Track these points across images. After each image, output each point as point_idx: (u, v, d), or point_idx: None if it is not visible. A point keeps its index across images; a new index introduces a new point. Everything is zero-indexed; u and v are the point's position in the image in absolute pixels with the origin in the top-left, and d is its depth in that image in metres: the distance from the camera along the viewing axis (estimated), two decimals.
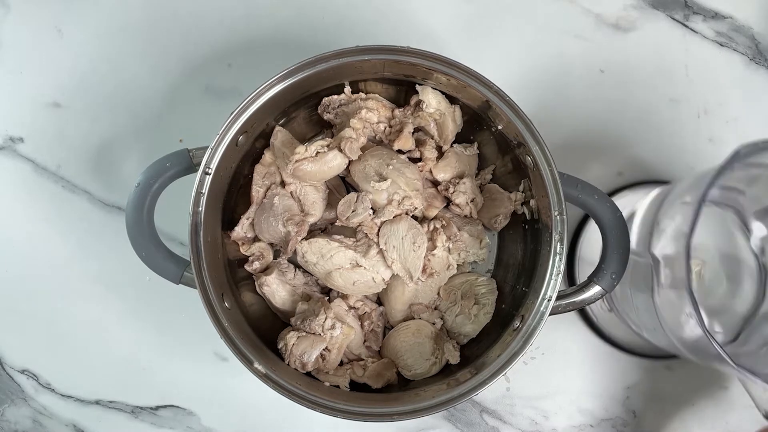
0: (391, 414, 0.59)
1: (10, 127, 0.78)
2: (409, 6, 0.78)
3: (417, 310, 0.70)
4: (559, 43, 0.78)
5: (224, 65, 0.78)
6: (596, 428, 0.76)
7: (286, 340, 0.64)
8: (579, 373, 0.76)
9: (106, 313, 0.77)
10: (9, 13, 0.79)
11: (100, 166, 0.78)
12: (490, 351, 0.63)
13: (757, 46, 0.79)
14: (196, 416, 0.76)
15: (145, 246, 0.61)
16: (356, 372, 0.67)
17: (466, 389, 0.59)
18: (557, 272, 0.59)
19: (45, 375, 0.77)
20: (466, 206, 0.69)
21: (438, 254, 0.67)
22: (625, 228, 0.61)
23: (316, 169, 0.64)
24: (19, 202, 0.78)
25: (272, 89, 0.60)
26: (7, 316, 0.77)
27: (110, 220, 0.77)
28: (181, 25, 0.78)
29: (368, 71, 0.64)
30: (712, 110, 0.78)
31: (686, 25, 0.79)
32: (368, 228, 0.66)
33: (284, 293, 0.68)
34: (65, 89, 0.78)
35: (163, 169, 0.61)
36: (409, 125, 0.67)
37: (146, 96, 0.78)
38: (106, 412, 0.76)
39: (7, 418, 0.77)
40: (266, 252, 0.69)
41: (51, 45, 0.78)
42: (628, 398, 0.76)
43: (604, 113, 0.78)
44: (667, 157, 0.77)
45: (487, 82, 0.60)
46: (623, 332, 0.75)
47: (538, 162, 0.60)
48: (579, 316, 0.76)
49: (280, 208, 0.67)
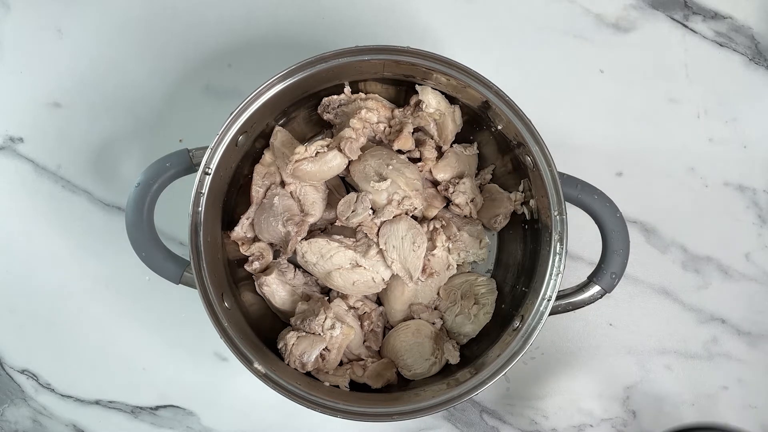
0: (391, 414, 0.59)
1: (10, 127, 0.78)
2: (409, 6, 0.78)
3: (417, 310, 0.70)
4: (559, 43, 0.78)
5: (224, 65, 0.78)
6: (596, 428, 0.76)
7: (286, 340, 0.64)
8: (579, 373, 0.76)
9: (106, 313, 0.77)
10: (9, 13, 0.79)
11: (100, 166, 0.78)
12: (490, 351, 0.63)
13: (757, 46, 0.79)
14: (196, 416, 0.76)
15: (145, 246, 0.61)
16: (356, 372, 0.67)
17: (466, 389, 0.59)
18: (557, 272, 0.59)
19: (45, 375, 0.77)
20: (465, 206, 0.69)
21: (438, 254, 0.67)
22: (625, 228, 0.61)
23: (316, 169, 0.64)
24: (19, 202, 0.78)
25: (272, 89, 0.60)
26: (7, 316, 0.77)
27: (110, 220, 0.77)
28: (181, 25, 0.78)
29: (368, 71, 0.65)
30: (712, 110, 0.78)
31: (686, 25, 0.79)
32: (368, 228, 0.66)
33: (284, 293, 0.69)
34: (65, 89, 0.78)
35: (163, 169, 0.61)
36: (409, 125, 0.67)
37: (146, 96, 0.78)
38: (106, 412, 0.76)
39: (7, 418, 0.77)
40: (266, 252, 0.69)
41: (51, 45, 0.79)
42: (628, 398, 0.76)
43: (604, 113, 0.78)
44: (667, 157, 0.77)
45: (486, 82, 0.60)
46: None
47: (538, 162, 0.60)
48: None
49: (280, 208, 0.67)
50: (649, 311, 0.76)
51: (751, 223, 0.77)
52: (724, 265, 0.77)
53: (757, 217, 0.77)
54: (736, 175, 0.77)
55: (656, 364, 0.76)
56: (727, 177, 0.77)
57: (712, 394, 0.76)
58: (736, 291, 0.76)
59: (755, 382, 0.76)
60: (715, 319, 0.76)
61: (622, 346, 0.76)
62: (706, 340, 0.76)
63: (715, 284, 0.77)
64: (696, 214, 0.77)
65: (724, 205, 0.77)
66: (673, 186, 0.77)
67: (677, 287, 0.77)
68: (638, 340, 0.76)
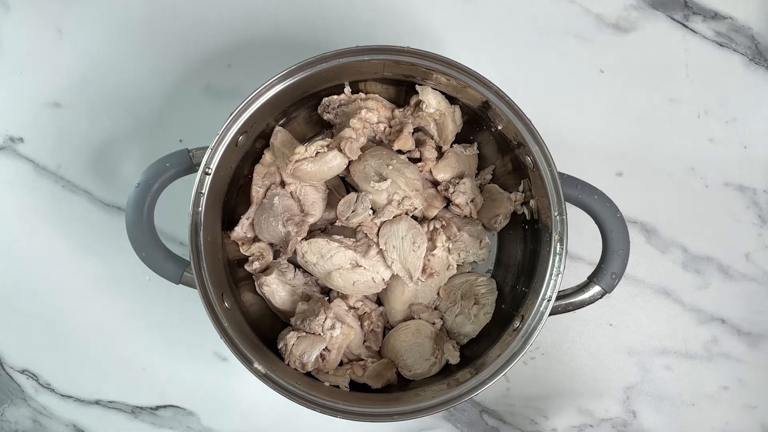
0: (391, 414, 0.59)
1: (10, 127, 0.78)
2: (409, 6, 0.78)
3: (417, 310, 0.70)
4: (559, 43, 0.78)
5: (224, 65, 0.78)
6: (596, 428, 0.76)
7: (286, 340, 0.64)
8: (579, 373, 0.76)
9: (106, 313, 0.77)
10: (9, 13, 0.79)
11: (100, 166, 0.78)
12: (490, 351, 0.63)
13: (757, 46, 0.79)
14: (196, 416, 0.76)
15: (145, 246, 0.61)
16: (356, 372, 0.67)
17: (466, 389, 0.59)
18: (557, 272, 0.59)
19: (45, 375, 0.77)
20: (466, 206, 0.69)
21: (438, 254, 0.67)
22: (625, 228, 0.61)
23: (316, 169, 0.64)
24: (19, 202, 0.78)
25: (272, 89, 0.60)
26: (7, 316, 0.77)
27: (110, 220, 0.77)
28: (181, 25, 0.78)
29: (368, 71, 0.64)
30: (712, 110, 0.78)
31: (686, 26, 0.79)
32: (368, 228, 0.66)
33: (284, 293, 0.68)
34: (65, 89, 0.78)
35: (163, 169, 0.61)
36: (409, 125, 0.67)
37: (146, 96, 0.78)
38: (106, 412, 0.76)
39: (7, 418, 0.77)
40: (266, 252, 0.69)
41: (51, 45, 0.79)
42: (628, 398, 0.76)
43: (604, 113, 0.78)
44: (667, 157, 0.77)
45: (486, 82, 0.60)
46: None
47: (538, 162, 0.60)
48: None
49: (280, 208, 0.67)
50: (649, 311, 0.76)
51: (751, 223, 0.77)
52: (724, 265, 0.77)
53: (757, 217, 0.77)
54: (736, 175, 0.77)
55: (656, 364, 0.76)
56: (727, 177, 0.77)
57: (712, 394, 0.76)
58: (736, 291, 0.76)
59: (755, 382, 0.76)
60: (715, 319, 0.76)
61: (622, 346, 0.76)
62: (706, 340, 0.76)
63: (715, 284, 0.77)
64: (696, 214, 0.77)
65: (724, 205, 0.77)
66: (673, 186, 0.77)
67: (677, 287, 0.77)
68: (638, 340, 0.76)
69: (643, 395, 0.76)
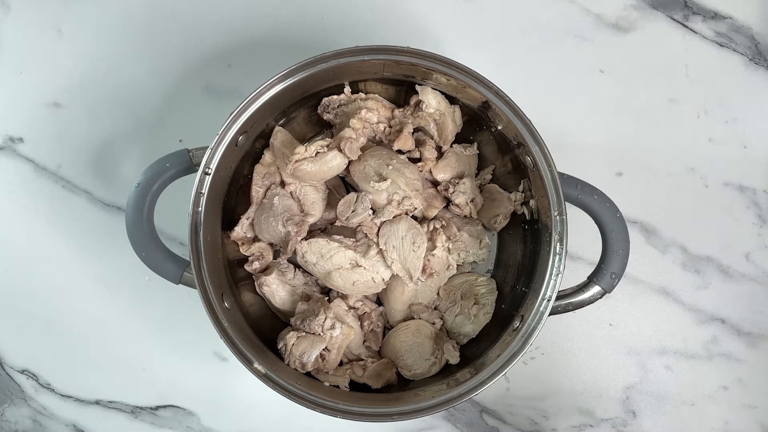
0: (391, 414, 0.59)
1: (10, 127, 0.78)
2: (409, 6, 0.78)
3: (417, 310, 0.70)
4: (559, 43, 0.78)
5: (224, 65, 0.78)
6: (596, 428, 0.76)
7: (286, 340, 0.64)
8: (579, 373, 0.76)
9: (106, 313, 0.77)
10: (9, 13, 0.79)
11: (100, 166, 0.78)
12: (490, 351, 0.63)
13: (757, 46, 0.79)
14: (196, 416, 0.76)
15: (145, 246, 0.61)
16: (356, 372, 0.67)
17: (466, 389, 0.59)
18: (557, 272, 0.59)
19: (45, 375, 0.77)
20: (465, 206, 0.69)
21: (438, 254, 0.67)
22: (625, 228, 0.61)
23: (316, 169, 0.64)
24: (19, 202, 0.78)
25: (272, 89, 0.60)
26: (7, 316, 0.77)
27: (110, 220, 0.77)
28: (181, 25, 0.78)
29: (368, 71, 0.64)
30: (712, 110, 0.78)
31: (686, 26, 0.79)
32: (368, 228, 0.66)
33: (284, 293, 0.68)
34: (65, 89, 0.78)
35: (163, 169, 0.61)
36: (409, 125, 0.67)
37: (146, 96, 0.78)
38: (106, 412, 0.76)
39: (7, 418, 0.77)
40: (266, 252, 0.69)
41: (51, 45, 0.79)
42: (628, 398, 0.76)
43: (604, 113, 0.78)
44: (667, 157, 0.77)
45: (486, 82, 0.60)
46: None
47: (538, 162, 0.60)
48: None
49: (279, 208, 0.67)
50: (649, 311, 0.76)
51: (751, 223, 0.77)
52: (724, 265, 0.77)
53: (757, 217, 0.77)
54: (736, 175, 0.77)
55: (656, 364, 0.76)
56: (727, 177, 0.77)
57: (712, 394, 0.76)
58: (736, 291, 0.76)
59: (755, 382, 0.76)
60: (715, 319, 0.76)
61: (622, 346, 0.76)
62: (706, 340, 0.76)
63: (715, 284, 0.77)
64: (696, 214, 0.77)
65: (724, 205, 0.77)
66: (673, 186, 0.77)
67: (677, 287, 0.77)
68: (638, 340, 0.76)
69: (643, 395, 0.76)
